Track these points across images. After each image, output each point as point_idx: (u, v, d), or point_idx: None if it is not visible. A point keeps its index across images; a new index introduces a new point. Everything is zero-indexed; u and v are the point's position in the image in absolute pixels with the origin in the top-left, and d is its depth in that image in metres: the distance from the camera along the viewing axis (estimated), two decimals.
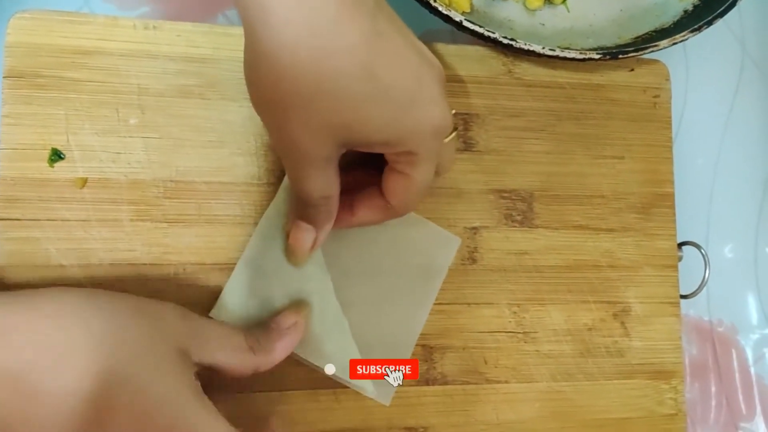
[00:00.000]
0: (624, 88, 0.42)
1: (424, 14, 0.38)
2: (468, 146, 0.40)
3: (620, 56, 0.39)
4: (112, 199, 0.35)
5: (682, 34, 0.40)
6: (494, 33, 0.38)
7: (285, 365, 0.33)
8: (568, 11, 0.45)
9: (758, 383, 0.50)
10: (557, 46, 0.39)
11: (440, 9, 0.37)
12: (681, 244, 0.43)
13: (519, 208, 0.40)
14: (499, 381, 0.39)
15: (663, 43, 0.40)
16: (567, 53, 0.38)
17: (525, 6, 0.44)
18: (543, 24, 0.44)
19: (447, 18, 0.38)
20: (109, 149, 0.35)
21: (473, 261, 0.39)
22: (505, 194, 0.40)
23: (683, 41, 0.40)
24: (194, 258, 0.35)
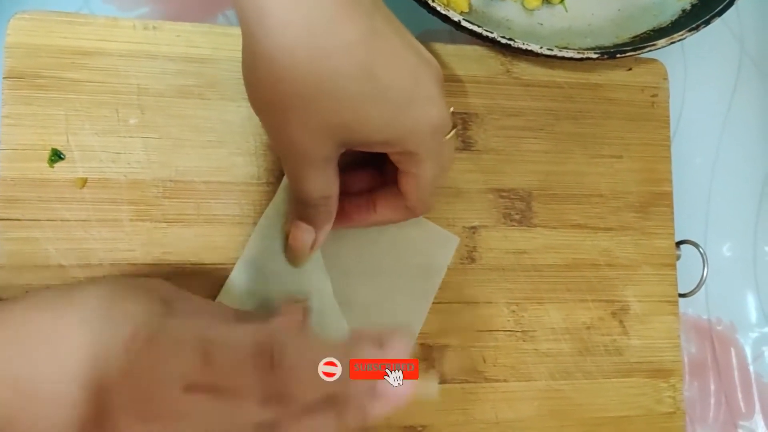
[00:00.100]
0: (622, 88, 0.42)
1: (423, 14, 0.38)
2: (467, 146, 0.40)
3: (618, 56, 0.40)
4: (112, 199, 0.35)
5: (680, 34, 0.40)
6: (492, 33, 0.38)
7: None
8: (567, 11, 0.45)
9: (757, 381, 0.50)
10: (555, 46, 0.39)
11: (439, 9, 0.37)
12: (679, 243, 0.43)
13: (517, 208, 0.40)
14: (498, 380, 0.39)
15: (661, 43, 0.40)
16: (565, 53, 0.39)
17: (523, 6, 0.44)
18: (541, 24, 0.44)
19: (445, 18, 0.38)
20: (109, 149, 0.35)
21: (472, 260, 0.39)
22: (504, 193, 0.40)
23: (681, 40, 0.40)
24: (193, 258, 0.36)
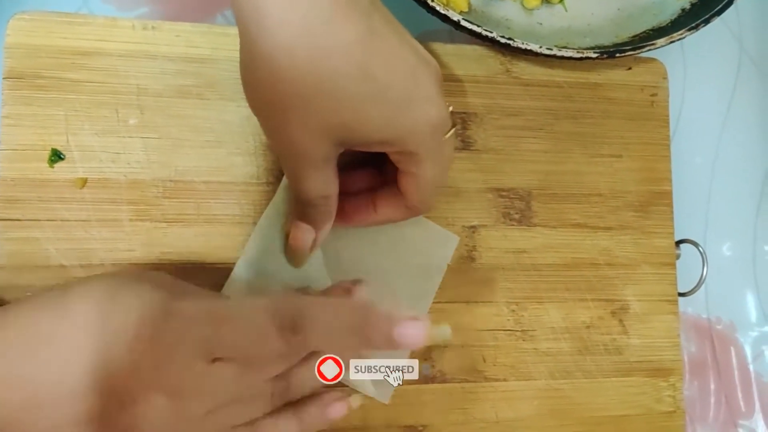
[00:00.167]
0: (621, 87, 0.42)
1: (422, 14, 0.38)
2: (466, 145, 0.40)
3: (618, 55, 0.40)
4: (112, 199, 0.35)
5: (680, 33, 0.40)
6: (492, 32, 0.38)
7: None
8: (566, 10, 0.45)
9: (757, 381, 0.50)
10: (555, 45, 0.39)
11: (438, 8, 0.37)
12: (679, 242, 0.43)
13: (517, 207, 0.40)
14: (498, 379, 0.39)
15: (660, 42, 0.40)
16: (564, 52, 0.39)
17: (523, 5, 0.44)
18: (541, 23, 0.44)
19: (445, 17, 0.38)
20: (109, 149, 0.35)
21: (472, 260, 0.39)
22: (504, 193, 0.40)
23: (681, 39, 0.40)
24: (193, 258, 0.36)
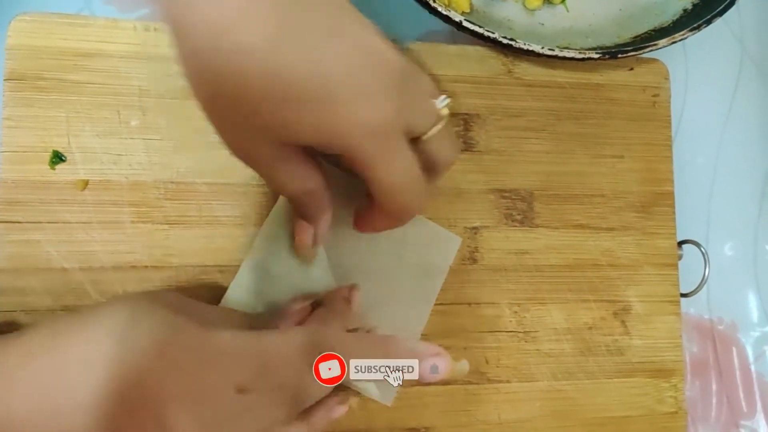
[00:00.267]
0: (623, 88, 0.42)
1: (424, 15, 0.38)
2: (468, 146, 0.40)
3: (619, 55, 0.39)
4: (114, 201, 0.35)
5: (682, 33, 0.40)
6: (494, 33, 0.38)
7: None
8: (568, 11, 0.45)
9: (759, 381, 0.50)
10: (556, 46, 0.39)
11: (440, 9, 0.37)
12: (681, 243, 0.43)
13: (519, 208, 0.40)
14: (501, 380, 0.39)
15: (662, 42, 0.40)
16: (566, 53, 0.39)
17: (524, 6, 0.44)
18: (542, 24, 0.44)
19: (447, 18, 0.38)
20: (110, 151, 0.35)
21: (474, 261, 0.39)
22: (506, 194, 0.40)
23: (683, 40, 0.40)
24: (195, 259, 0.35)
